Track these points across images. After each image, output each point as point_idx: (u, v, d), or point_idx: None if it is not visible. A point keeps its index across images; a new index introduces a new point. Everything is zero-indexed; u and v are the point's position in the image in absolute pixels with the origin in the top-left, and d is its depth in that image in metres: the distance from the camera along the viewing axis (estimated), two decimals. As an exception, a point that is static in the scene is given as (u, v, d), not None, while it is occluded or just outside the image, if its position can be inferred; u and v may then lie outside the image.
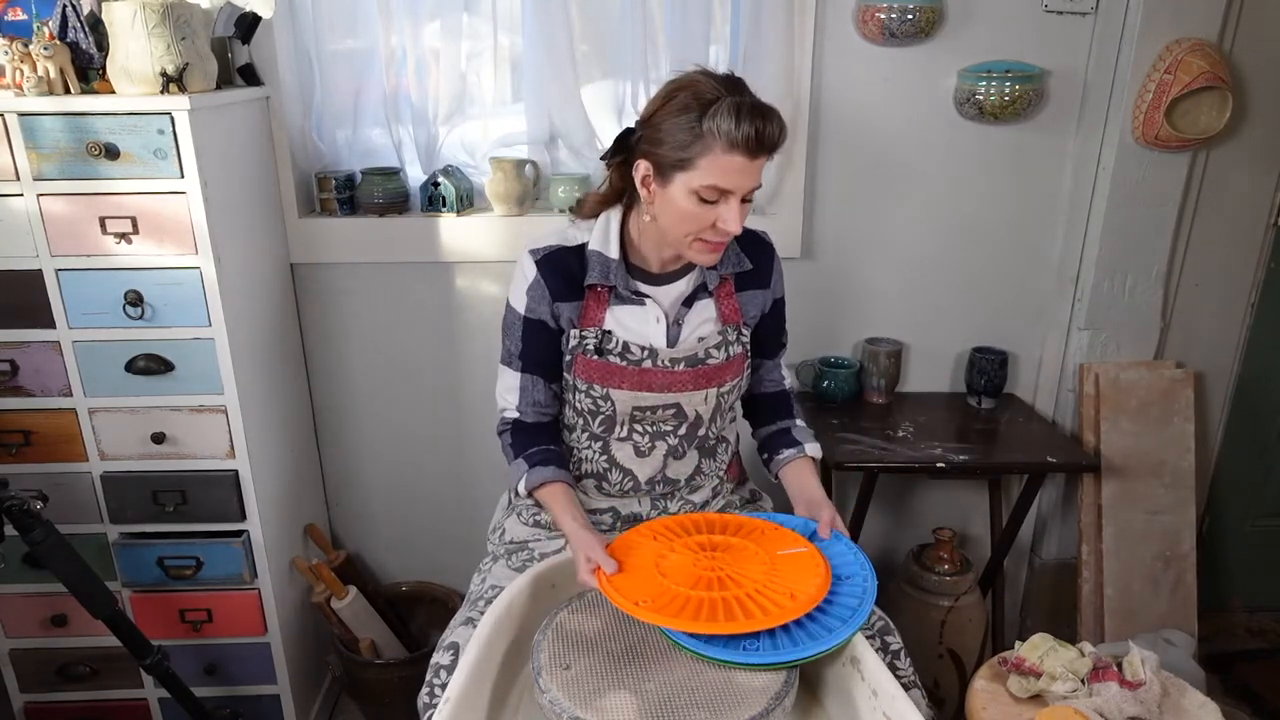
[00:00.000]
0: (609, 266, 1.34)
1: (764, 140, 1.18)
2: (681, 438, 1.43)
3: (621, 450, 1.44)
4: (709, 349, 1.39)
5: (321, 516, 2.21)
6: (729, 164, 1.19)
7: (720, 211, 1.23)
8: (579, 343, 1.37)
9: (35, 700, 1.91)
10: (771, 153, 1.21)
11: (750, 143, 1.17)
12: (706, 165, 1.19)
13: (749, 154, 1.18)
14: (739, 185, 1.21)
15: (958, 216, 2.08)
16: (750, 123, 1.16)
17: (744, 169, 1.19)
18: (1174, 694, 1.32)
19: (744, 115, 1.16)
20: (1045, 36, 1.95)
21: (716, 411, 1.44)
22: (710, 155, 1.19)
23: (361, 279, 2.05)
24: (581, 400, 1.41)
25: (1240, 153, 2.05)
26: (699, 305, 1.40)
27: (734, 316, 1.43)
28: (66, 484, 1.72)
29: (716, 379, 1.41)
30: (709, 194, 1.21)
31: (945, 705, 2.05)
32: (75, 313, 1.61)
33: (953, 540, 2.02)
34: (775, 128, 1.19)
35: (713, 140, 1.18)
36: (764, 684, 1.10)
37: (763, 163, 1.22)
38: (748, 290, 1.44)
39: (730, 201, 1.22)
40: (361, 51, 1.96)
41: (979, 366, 2.11)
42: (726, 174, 1.19)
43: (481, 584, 1.44)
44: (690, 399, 1.40)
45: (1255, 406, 2.31)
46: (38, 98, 1.48)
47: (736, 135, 1.16)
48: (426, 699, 1.25)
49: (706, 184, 1.20)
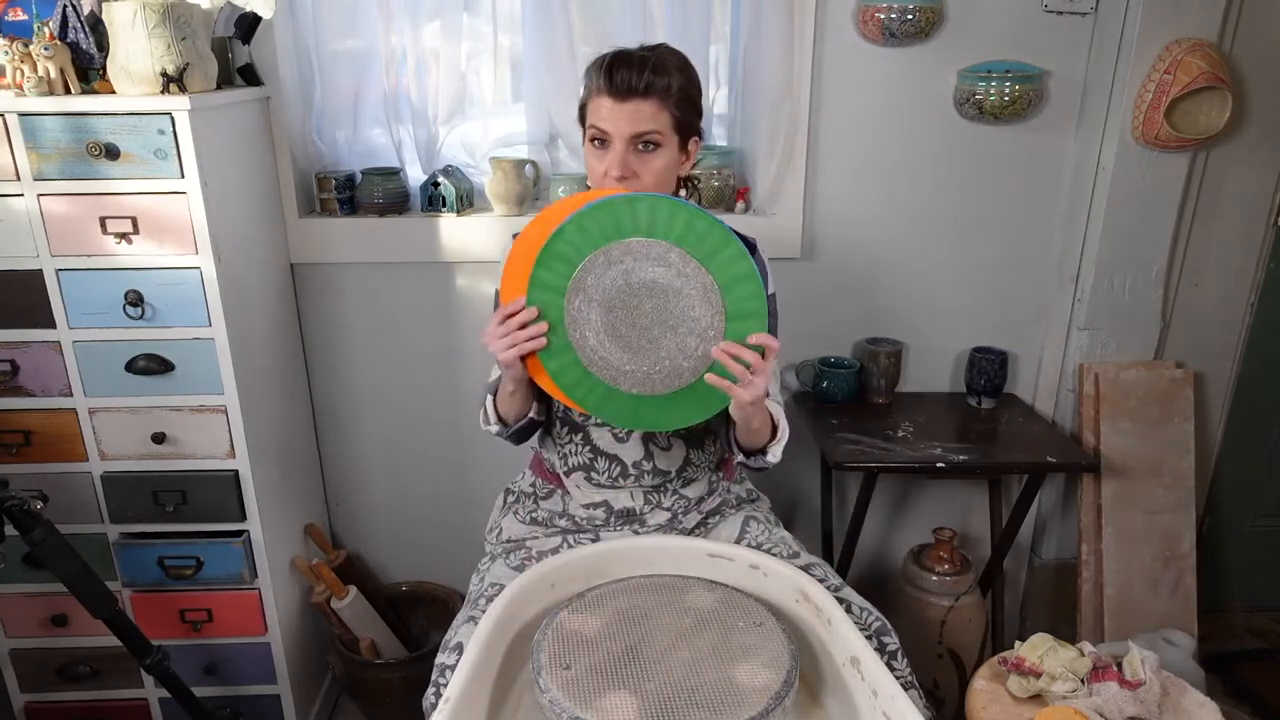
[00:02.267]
0: None
1: (618, 84, 1.28)
2: None
3: (601, 436, 1.47)
4: None
5: (321, 516, 2.21)
6: (600, 106, 1.31)
7: (607, 157, 1.32)
8: None
9: (35, 700, 1.91)
10: (643, 97, 1.29)
11: (610, 86, 1.28)
12: (591, 112, 1.33)
13: (614, 96, 1.29)
14: (614, 128, 1.30)
15: (958, 216, 2.08)
16: (616, 68, 1.28)
17: (614, 110, 1.29)
18: (1174, 694, 1.32)
19: (609, 61, 1.30)
20: (1045, 36, 1.95)
21: None
22: (592, 102, 1.33)
23: (361, 279, 2.05)
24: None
25: (1240, 153, 2.05)
26: None
27: None
28: (66, 484, 1.72)
29: None
30: (595, 136, 1.33)
31: (945, 705, 2.05)
32: (75, 313, 1.61)
33: (952, 540, 2.02)
34: (633, 74, 1.28)
35: (590, 88, 1.33)
36: (764, 684, 1.10)
37: (636, 107, 1.29)
38: None
39: (613, 145, 1.31)
40: (361, 51, 1.96)
41: (979, 366, 2.11)
42: (600, 116, 1.31)
43: (480, 583, 1.44)
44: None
45: (1255, 406, 2.30)
46: (38, 98, 1.48)
47: (602, 81, 1.30)
48: (432, 699, 1.25)
49: (590, 126, 1.34)
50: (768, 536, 1.48)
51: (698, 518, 1.52)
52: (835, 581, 1.39)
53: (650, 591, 1.30)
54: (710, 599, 1.28)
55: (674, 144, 1.34)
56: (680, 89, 1.32)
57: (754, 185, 2.06)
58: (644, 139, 1.31)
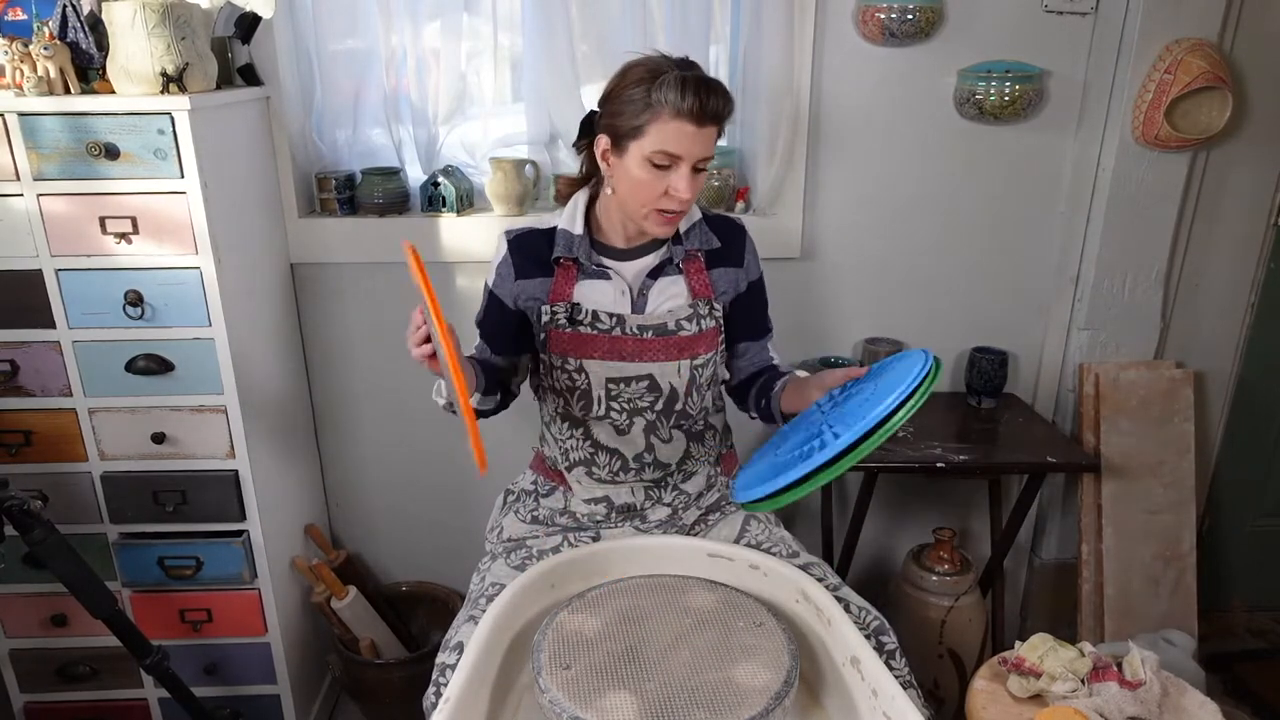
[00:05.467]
0: (573, 241, 1.42)
1: (708, 110, 1.27)
2: (659, 413, 1.46)
3: (602, 430, 1.47)
4: (679, 320, 1.44)
5: (321, 516, 2.21)
6: (677, 130, 1.27)
7: (671, 179, 1.30)
8: (550, 318, 1.42)
9: (35, 700, 1.91)
10: (718, 124, 1.30)
11: (695, 111, 1.26)
12: (656, 131, 1.28)
13: (695, 122, 1.27)
14: (687, 151, 1.29)
15: (958, 216, 2.08)
16: (695, 93, 1.26)
17: (692, 136, 1.28)
18: (1174, 694, 1.32)
19: (689, 86, 1.26)
20: (1045, 36, 1.95)
21: (692, 386, 1.46)
22: (659, 122, 1.27)
23: (361, 279, 2.05)
24: (558, 379, 1.44)
25: (1240, 153, 2.05)
26: (665, 280, 1.46)
27: (705, 291, 1.47)
28: (66, 484, 1.72)
29: (689, 350, 1.45)
30: (660, 159, 1.29)
31: (945, 705, 2.05)
32: (75, 313, 1.61)
33: (952, 540, 2.02)
34: (720, 100, 1.28)
35: (661, 108, 1.27)
36: (764, 684, 1.10)
37: (710, 132, 1.29)
38: (719, 268, 1.50)
39: (680, 168, 1.30)
40: (361, 51, 1.96)
41: (979, 366, 2.11)
42: (674, 140, 1.28)
43: (481, 583, 1.44)
44: (663, 370, 1.44)
45: (1255, 406, 2.31)
46: (38, 98, 1.48)
47: (682, 105, 1.26)
48: (433, 698, 1.25)
49: (657, 149, 1.28)
50: (767, 535, 1.49)
51: (697, 514, 1.52)
52: (834, 581, 1.40)
53: (650, 591, 1.30)
54: (710, 599, 1.28)
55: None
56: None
57: (754, 185, 2.06)
58: (704, 161, 1.32)
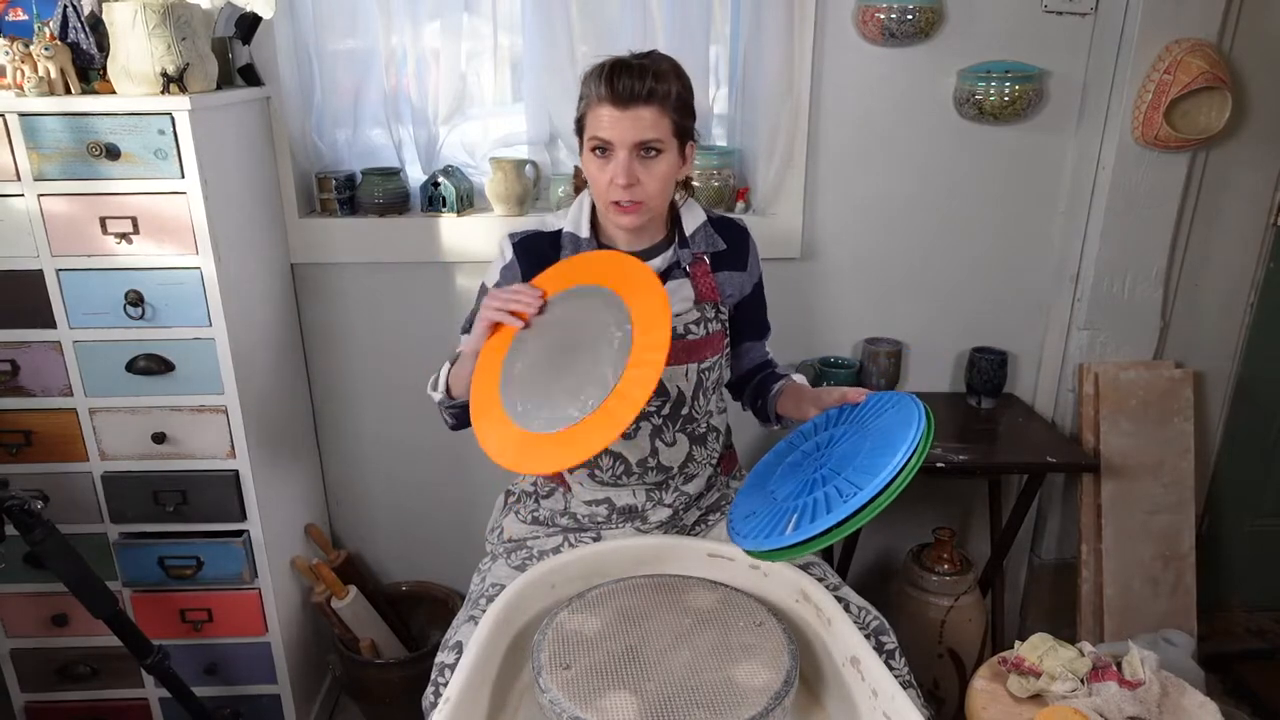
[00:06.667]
0: (580, 244, 1.42)
1: (621, 91, 1.27)
2: (665, 418, 1.45)
3: None
4: (687, 325, 1.43)
5: (321, 516, 2.21)
6: (603, 115, 1.30)
7: (610, 167, 1.31)
8: None
9: (35, 700, 1.91)
10: (648, 104, 1.28)
11: (612, 94, 1.27)
12: (591, 121, 1.32)
13: (616, 104, 1.28)
14: (618, 137, 1.29)
15: (958, 216, 2.08)
16: (612, 75, 1.28)
17: (616, 119, 1.29)
18: (1174, 694, 1.32)
19: (607, 70, 1.29)
20: (1045, 36, 1.95)
21: (699, 390, 1.46)
22: (592, 111, 1.32)
23: (361, 279, 2.05)
24: None
25: (1240, 153, 2.05)
26: (673, 284, 1.45)
27: (711, 294, 1.47)
28: (67, 484, 1.72)
29: (696, 354, 1.44)
30: (596, 146, 1.32)
31: (945, 705, 2.05)
32: (76, 313, 1.61)
33: (952, 540, 2.02)
34: (636, 80, 1.27)
35: (589, 97, 1.32)
36: (764, 684, 1.10)
37: (639, 114, 1.29)
38: (724, 271, 1.50)
39: (617, 154, 1.30)
40: (361, 51, 1.96)
41: (979, 366, 2.11)
42: (603, 125, 1.30)
43: (481, 583, 1.44)
44: (671, 374, 1.43)
45: (1255, 406, 2.30)
46: (38, 98, 1.48)
47: (603, 89, 1.29)
48: (431, 698, 1.25)
49: (591, 136, 1.32)
50: (767, 536, 1.49)
51: (697, 514, 1.52)
52: (834, 581, 1.40)
53: (650, 591, 1.30)
54: (710, 599, 1.28)
55: (674, 149, 1.34)
56: (678, 95, 1.32)
57: (754, 185, 2.06)
58: (646, 146, 1.31)
